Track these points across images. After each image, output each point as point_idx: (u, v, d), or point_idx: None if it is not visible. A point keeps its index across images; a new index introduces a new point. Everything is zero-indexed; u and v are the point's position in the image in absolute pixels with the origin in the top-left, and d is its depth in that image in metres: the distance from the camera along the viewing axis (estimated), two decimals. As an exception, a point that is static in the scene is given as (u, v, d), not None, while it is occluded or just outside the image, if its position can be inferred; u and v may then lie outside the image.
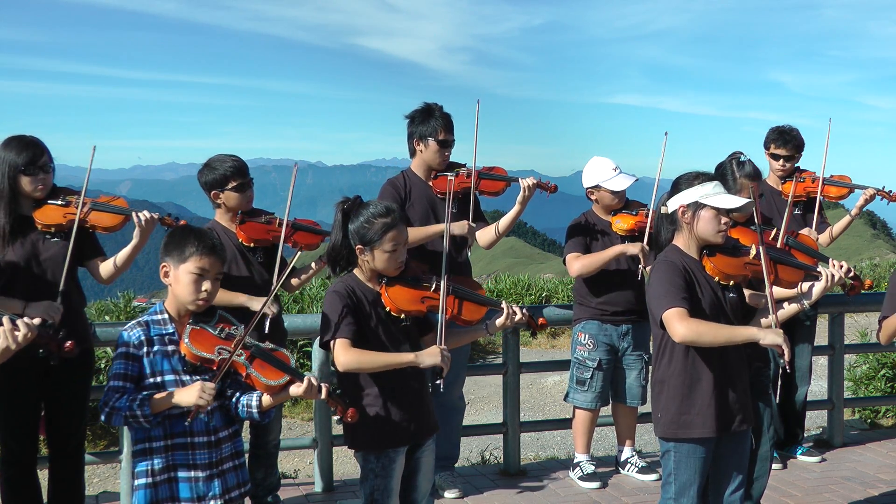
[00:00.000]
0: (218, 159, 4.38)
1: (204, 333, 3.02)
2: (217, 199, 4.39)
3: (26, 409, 3.99)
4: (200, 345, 2.97)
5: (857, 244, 58.19)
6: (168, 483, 3.01)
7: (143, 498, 3.00)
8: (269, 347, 3.11)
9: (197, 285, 3.04)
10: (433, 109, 4.85)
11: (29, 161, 3.92)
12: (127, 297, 11.14)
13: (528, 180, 4.66)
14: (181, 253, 3.05)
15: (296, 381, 3.02)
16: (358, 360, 3.28)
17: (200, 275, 3.04)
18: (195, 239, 3.07)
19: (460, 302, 3.55)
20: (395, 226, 3.34)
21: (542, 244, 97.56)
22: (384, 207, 3.38)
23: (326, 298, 3.39)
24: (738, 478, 3.58)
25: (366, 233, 3.34)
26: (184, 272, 3.04)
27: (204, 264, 3.04)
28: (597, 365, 5.17)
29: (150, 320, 3.08)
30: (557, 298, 14.68)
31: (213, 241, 3.10)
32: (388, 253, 3.34)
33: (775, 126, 5.69)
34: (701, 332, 3.25)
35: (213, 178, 4.36)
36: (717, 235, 3.44)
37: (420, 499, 3.57)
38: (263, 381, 2.98)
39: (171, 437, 3.01)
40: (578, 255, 5.07)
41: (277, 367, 3.03)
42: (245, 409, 3.08)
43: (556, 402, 9.89)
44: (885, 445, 6.09)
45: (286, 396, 3.06)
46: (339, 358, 3.28)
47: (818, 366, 7.89)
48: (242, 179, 4.37)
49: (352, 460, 7.53)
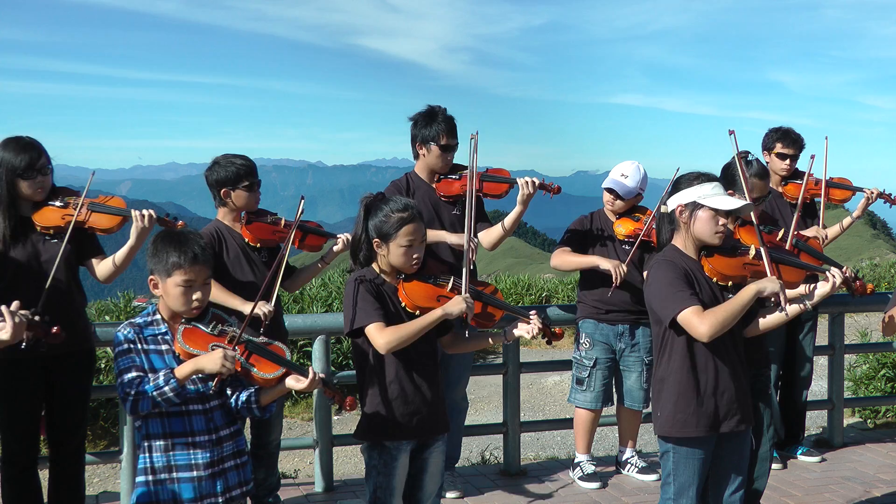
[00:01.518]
0: (228, 158, 4.38)
1: (197, 332, 3.02)
2: (226, 198, 4.39)
3: (28, 409, 3.99)
4: (194, 343, 2.97)
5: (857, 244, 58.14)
6: (170, 482, 3.00)
7: (141, 495, 2.99)
8: (264, 341, 3.10)
9: (187, 296, 3.03)
10: (436, 113, 4.84)
11: (27, 165, 3.92)
12: (127, 297, 11.13)
13: (528, 179, 4.63)
14: (165, 265, 3.03)
15: (292, 372, 3.02)
16: (397, 336, 3.29)
17: (188, 286, 3.02)
18: (176, 250, 3.03)
19: (483, 306, 3.57)
20: (411, 221, 3.36)
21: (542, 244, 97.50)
22: (403, 203, 3.42)
23: (348, 288, 3.41)
24: (738, 478, 3.58)
25: (382, 226, 3.37)
26: (171, 285, 3.02)
27: (189, 276, 3.02)
28: (593, 363, 5.17)
29: (143, 322, 3.08)
30: (557, 298, 14.67)
31: (194, 250, 3.05)
32: (403, 248, 3.36)
33: (774, 128, 5.69)
34: (720, 320, 3.26)
35: (224, 176, 4.35)
36: (714, 236, 3.43)
37: (425, 499, 3.56)
38: (260, 375, 2.99)
39: (172, 437, 3.01)
40: (563, 251, 5.11)
41: (273, 361, 3.03)
42: (245, 406, 3.09)
43: (556, 402, 9.90)
44: (885, 445, 6.09)
45: (284, 389, 3.06)
46: (379, 340, 3.28)
47: (818, 366, 7.89)
48: (253, 179, 4.39)
49: (352, 460, 7.54)
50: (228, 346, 2.98)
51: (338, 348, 9.64)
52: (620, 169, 5.13)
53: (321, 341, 5.13)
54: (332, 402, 3.26)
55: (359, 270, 3.46)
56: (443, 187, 4.88)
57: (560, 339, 3.67)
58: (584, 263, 5.04)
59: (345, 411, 3.24)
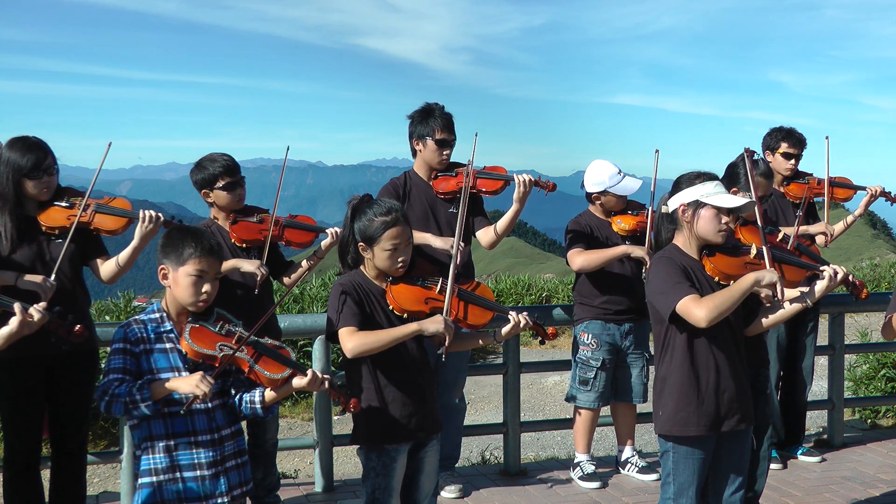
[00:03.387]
0: (208, 158, 4.39)
1: (204, 331, 3.02)
2: (207, 198, 4.41)
3: (31, 410, 3.99)
4: (202, 342, 2.97)
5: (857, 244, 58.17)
6: (174, 482, 3.00)
7: (147, 497, 3.00)
8: (270, 343, 3.11)
9: (196, 287, 3.03)
10: (433, 109, 4.85)
11: (33, 165, 3.92)
12: (127, 297, 11.13)
13: (524, 175, 4.62)
14: (179, 255, 3.04)
15: (297, 374, 3.03)
16: (364, 341, 3.27)
17: (200, 276, 3.03)
18: (193, 240, 3.05)
19: (465, 305, 3.53)
20: (394, 224, 3.34)
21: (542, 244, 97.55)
22: (387, 206, 3.39)
23: (332, 292, 3.40)
24: (738, 478, 3.58)
25: (366, 230, 3.35)
26: (183, 274, 3.03)
27: (203, 266, 3.03)
28: (600, 365, 5.18)
29: (148, 319, 3.08)
30: (557, 298, 14.66)
31: (210, 243, 3.09)
32: (387, 251, 3.34)
33: (777, 127, 5.69)
34: (717, 305, 3.25)
35: (201, 177, 4.38)
36: (717, 235, 3.43)
37: (422, 499, 3.56)
38: (267, 376, 2.99)
39: (174, 437, 3.01)
40: (581, 251, 5.07)
41: (279, 361, 3.04)
42: (249, 406, 3.09)
43: (556, 402, 9.89)
44: (885, 445, 6.09)
45: (289, 390, 3.06)
46: (346, 344, 3.27)
47: (818, 366, 7.89)
48: (232, 178, 4.37)
49: (352, 460, 7.53)
50: (236, 346, 2.98)
51: (338, 348, 9.63)
52: (613, 170, 5.10)
53: (321, 341, 5.13)
54: (337, 404, 3.26)
55: (346, 274, 3.45)
56: (439, 184, 4.88)
57: (553, 338, 3.66)
58: (613, 254, 5.02)
59: (349, 412, 3.23)
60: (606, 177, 5.08)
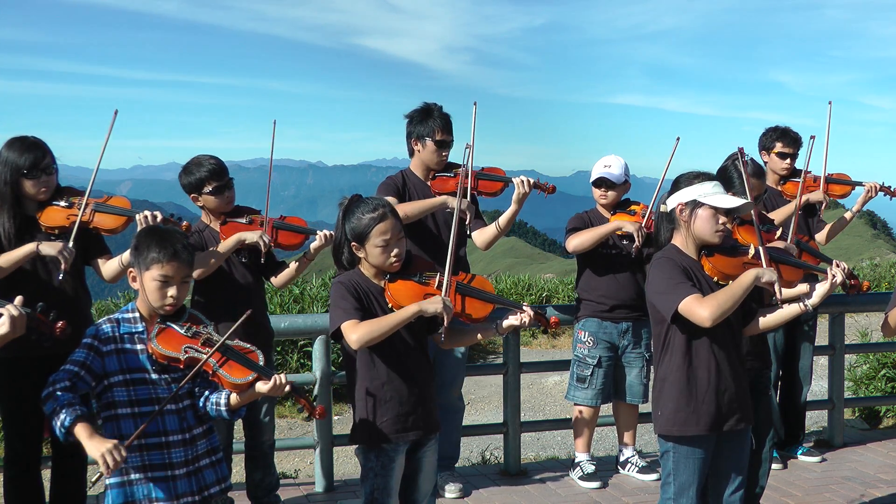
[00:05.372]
0: (195, 162, 4.36)
1: (171, 332, 2.99)
2: (197, 202, 4.41)
3: (30, 409, 3.97)
4: (167, 344, 2.95)
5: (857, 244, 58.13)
6: (144, 483, 2.98)
7: (116, 497, 2.97)
8: (238, 346, 3.05)
9: (162, 292, 3.00)
10: (432, 110, 4.85)
11: (32, 164, 3.92)
12: (127, 297, 11.14)
13: (523, 178, 4.62)
14: (144, 259, 3.01)
15: (262, 378, 2.97)
16: (368, 329, 3.24)
17: (164, 282, 2.99)
18: (157, 245, 3.00)
19: (463, 298, 3.52)
20: (382, 220, 3.33)
21: (542, 244, 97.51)
22: (373, 203, 3.38)
23: (331, 290, 3.40)
24: (738, 478, 3.59)
25: (356, 229, 3.35)
26: (148, 279, 3.00)
27: (166, 272, 2.99)
28: (597, 362, 5.18)
29: (121, 318, 3.06)
30: (558, 298, 14.67)
31: (175, 247, 3.02)
32: (379, 248, 3.34)
33: (771, 127, 5.71)
34: (721, 303, 3.26)
35: (188, 182, 4.35)
36: (715, 235, 3.44)
37: (421, 499, 3.57)
38: (229, 380, 2.94)
39: (145, 437, 2.96)
40: (575, 235, 5.10)
41: (244, 365, 2.98)
42: (214, 408, 3.05)
43: (557, 402, 9.90)
44: (885, 445, 6.09)
45: (254, 395, 3.00)
46: (351, 336, 3.24)
47: (818, 366, 7.89)
48: (219, 182, 4.34)
49: (352, 460, 7.53)
50: (202, 349, 2.95)
51: (338, 348, 9.64)
52: (602, 162, 5.18)
53: (321, 341, 5.13)
54: (303, 410, 3.20)
55: (345, 273, 3.44)
56: (437, 185, 4.87)
57: (555, 328, 3.65)
58: (605, 230, 5.03)
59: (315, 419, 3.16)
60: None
